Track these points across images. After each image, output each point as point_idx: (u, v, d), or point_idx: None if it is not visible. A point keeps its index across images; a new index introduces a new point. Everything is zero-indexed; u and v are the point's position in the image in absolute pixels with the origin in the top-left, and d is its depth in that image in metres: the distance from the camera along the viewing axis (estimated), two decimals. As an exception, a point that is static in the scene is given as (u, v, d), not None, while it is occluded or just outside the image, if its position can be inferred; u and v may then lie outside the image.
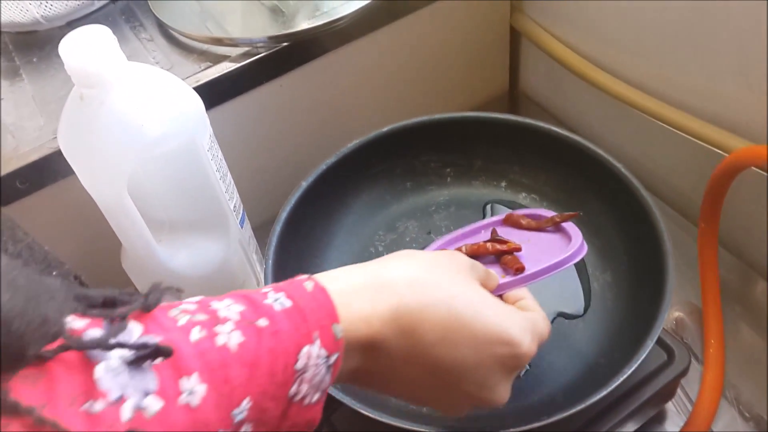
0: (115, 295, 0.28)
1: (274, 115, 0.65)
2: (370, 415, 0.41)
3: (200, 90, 0.58)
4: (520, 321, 0.37)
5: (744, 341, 0.58)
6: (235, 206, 0.56)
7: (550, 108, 0.80)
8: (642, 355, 0.42)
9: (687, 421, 0.53)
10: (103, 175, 0.46)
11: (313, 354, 0.31)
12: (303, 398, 0.31)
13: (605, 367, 0.46)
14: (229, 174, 0.55)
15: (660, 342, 0.50)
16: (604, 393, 0.41)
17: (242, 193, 0.59)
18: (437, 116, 0.57)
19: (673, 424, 0.54)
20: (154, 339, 0.27)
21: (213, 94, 0.60)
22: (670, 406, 0.55)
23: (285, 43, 0.61)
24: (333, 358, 0.32)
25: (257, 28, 0.63)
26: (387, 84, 0.72)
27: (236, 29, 0.63)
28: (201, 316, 0.29)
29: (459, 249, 0.48)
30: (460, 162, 0.59)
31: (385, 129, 0.56)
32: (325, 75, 0.66)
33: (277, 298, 0.32)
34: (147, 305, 0.28)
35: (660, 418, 0.54)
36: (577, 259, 0.44)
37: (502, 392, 0.37)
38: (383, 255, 0.56)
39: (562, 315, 0.51)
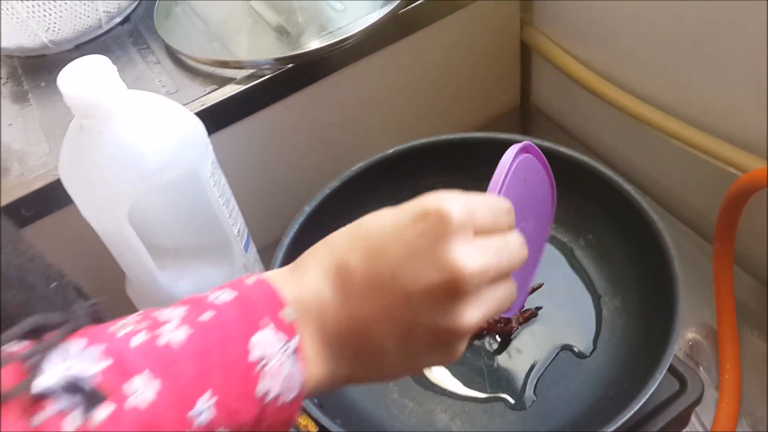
0: (43, 321, 0.28)
1: (280, 136, 0.65)
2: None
3: (206, 113, 0.58)
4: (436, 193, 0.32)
5: (761, 366, 0.56)
6: (239, 231, 0.55)
7: (563, 123, 0.78)
8: (650, 389, 0.41)
9: (702, 450, 0.52)
10: (104, 206, 0.46)
11: (265, 341, 0.30)
12: (277, 398, 0.30)
13: (614, 399, 0.45)
14: (233, 199, 0.55)
15: (672, 370, 0.48)
16: (611, 429, 0.40)
17: (248, 215, 0.58)
18: (443, 137, 0.56)
19: (687, 452, 0.53)
20: (85, 367, 0.26)
21: (218, 116, 0.60)
22: (684, 434, 0.53)
23: (290, 65, 0.61)
24: (292, 345, 0.30)
25: (263, 50, 0.63)
26: (395, 102, 0.71)
27: (242, 51, 0.63)
28: (142, 324, 0.29)
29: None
30: (466, 183, 0.58)
31: (390, 151, 0.56)
32: (331, 95, 0.65)
33: (221, 294, 0.31)
34: (72, 329, 0.28)
35: (673, 446, 0.53)
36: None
37: (466, 262, 0.30)
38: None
39: (567, 349, 0.50)
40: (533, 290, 0.52)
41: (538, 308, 0.52)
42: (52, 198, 0.56)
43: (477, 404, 0.48)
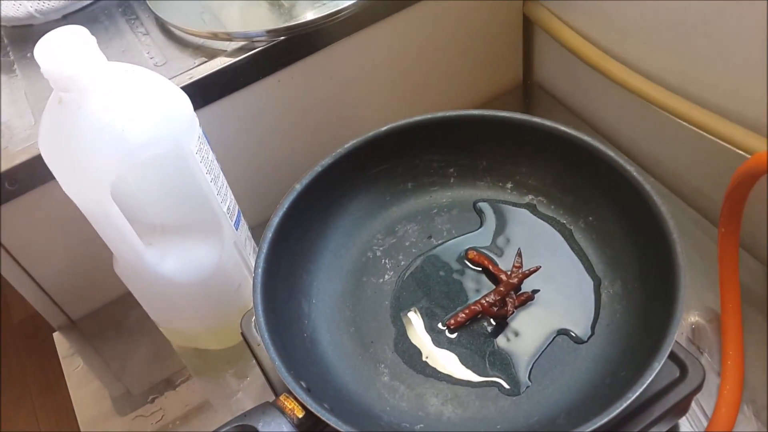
0: None
1: (272, 111, 0.63)
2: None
3: (194, 86, 0.57)
4: None
5: (765, 353, 0.54)
6: (229, 208, 0.54)
7: (566, 100, 0.76)
8: (648, 379, 0.39)
9: (701, 438, 0.50)
10: (85, 183, 0.45)
11: None
12: None
13: (611, 387, 0.44)
14: (222, 175, 0.53)
15: (672, 356, 0.47)
16: (606, 419, 0.38)
17: (239, 193, 0.57)
18: (439, 114, 0.54)
19: (686, 440, 0.52)
20: None
21: (207, 90, 0.58)
22: (683, 421, 0.52)
23: (283, 37, 0.59)
24: None
25: (255, 21, 0.61)
26: (393, 78, 0.69)
27: (234, 23, 0.61)
28: None
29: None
30: (464, 162, 0.56)
31: (383, 128, 0.54)
32: (325, 69, 0.63)
33: None
34: None
35: (672, 434, 0.52)
36: None
37: None
38: (381, 260, 0.54)
39: (564, 333, 0.48)
40: (530, 273, 0.50)
41: (535, 291, 0.50)
42: (36, 172, 0.54)
43: (470, 389, 0.47)
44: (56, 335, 0.67)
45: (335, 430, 0.41)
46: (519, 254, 0.52)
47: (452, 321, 0.49)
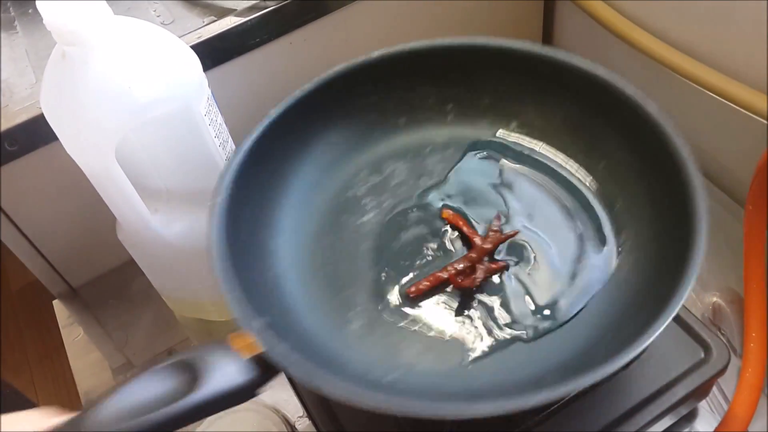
0: None
1: (283, 75, 0.61)
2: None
3: (203, 46, 0.55)
4: None
5: (789, 336, 0.53)
6: (237, 175, 0.52)
7: (585, 71, 0.74)
8: (652, 336, 0.34)
9: (721, 422, 0.49)
10: (89, 143, 0.43)
11: None
12: None
13: (610, 345, 0.37)
14: (230, 140, 0.51)
15: (696, 337, 0.45)
16: (597, 378, 0.33)
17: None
18: (439, 42, 0.48)
19: (705, 423, 0.50)
20: None
21: (216, 51, 0.56)
22: (702, 404, 0.51)
23: (296, -3, 0.56)
24: None
25: (267, -21, 0.58)
26: (409, 41, 0.66)
27: (245, -20, 0.59)
28: None
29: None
30: (464, 97, 0.50)
31: (375, 54, 0.48)
32: (340, 32, 0.61)
33: None
34: None
35: (690, 417, 0.50)
36: None
37: None
38: (364, 199, 0.48)
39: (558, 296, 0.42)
40: (507, 238, 0.45)
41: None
42: (38, 132, 0.52)
43: (445, 342, 0.42)
44: (56, 303, 0.66)
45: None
46: (498, 217, 0.46)
47: (413, 289, 0.44)
